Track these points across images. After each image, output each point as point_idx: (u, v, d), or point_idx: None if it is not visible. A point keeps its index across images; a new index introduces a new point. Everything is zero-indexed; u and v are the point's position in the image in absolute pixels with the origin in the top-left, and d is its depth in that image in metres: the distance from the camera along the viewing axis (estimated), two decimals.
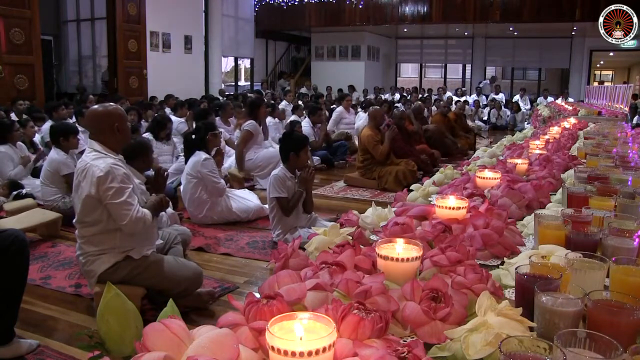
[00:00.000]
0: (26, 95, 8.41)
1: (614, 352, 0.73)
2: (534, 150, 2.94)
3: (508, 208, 1.71)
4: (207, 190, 4.41)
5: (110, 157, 2.58)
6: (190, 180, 4.43)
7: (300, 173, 3.81)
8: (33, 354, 2.34)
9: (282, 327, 0.75)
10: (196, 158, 4.43)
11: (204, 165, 4.39)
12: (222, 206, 4.46)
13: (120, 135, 2.66)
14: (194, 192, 4.42)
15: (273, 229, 3.94)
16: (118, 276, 2.58)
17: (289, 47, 18.55)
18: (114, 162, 2.57)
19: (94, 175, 2.50)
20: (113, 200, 2.50)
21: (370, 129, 6.03)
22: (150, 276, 2.66)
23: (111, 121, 2.62)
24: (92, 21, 12.58)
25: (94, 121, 2.66)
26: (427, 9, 14.09)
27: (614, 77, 23.53)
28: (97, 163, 2.53)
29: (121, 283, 2.52)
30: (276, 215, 3.86)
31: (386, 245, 1.15)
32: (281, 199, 3.77)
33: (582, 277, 1.03)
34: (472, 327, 0.85)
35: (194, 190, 4.42)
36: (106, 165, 2.51)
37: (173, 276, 2.70)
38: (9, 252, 2.25)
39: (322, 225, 2.41)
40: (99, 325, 0.91)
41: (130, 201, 2.53)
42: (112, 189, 2.50)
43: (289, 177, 3.81)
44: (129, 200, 2.52)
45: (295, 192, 3.78)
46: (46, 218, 4.01)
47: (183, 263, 2.83)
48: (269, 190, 3.85)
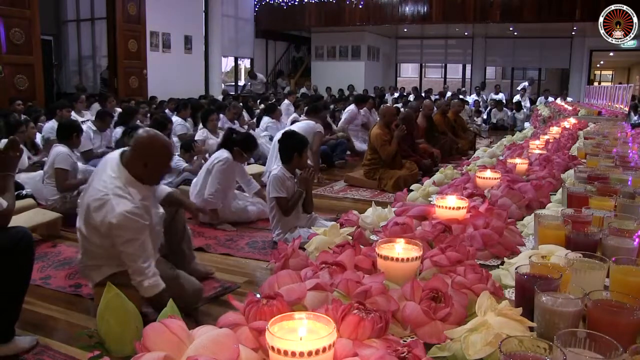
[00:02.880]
0: (26, 95, 8.42)
1: (614, 352, 0.73)
2: (534, 150, 2.94)
3: (508, 208, 1.71)
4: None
5: (128, 198, 2.41)
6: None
7: (300, 173, 3.81)
8: (33, 354, 2.34)
9: (282, 327, 0.75)
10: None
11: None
12: (235, 206, 4.50)
13: (149, 172, 2.49)
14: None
15: (273, 229, 3.94)
16: (117, 281, 2.52)
17: (289, 47, 18.55)
18: (132, 209, 2.39)
19: (107, 218, 2.36)
20: (123, 249, 2.39)
21: (380, 127, 5.98)
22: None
23: (145, 154, 2.46)
24: (92, 21, 12.58)
25: (136, 147, 2.48)
26: (427, 9, 14.09)
27: (614, 77, 23.53)
28: (115, 204, 2.37)
29: (122, 286, 2.48)
30: (276, 215, 3.86)
31: (386, 245, 1.15)
32: (280, 199, 3.76)
33: (582, 277, 1.03)
34: (472, 327, 0.85)
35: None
36: (121, 213, 2.35)
37: (171, 294, 2.58)
38: (17, 250, 2.25)
39: (322, 225, 2.40)
40: (99, 325, 0.91)
41: (138, 254, 2.40)
42: (122, 237, 2.37)
43: (288, 177, 3.81)
44: (137, 253, 2.39)
45: (295, 192, 3.78)
46: (46, 218, 4.01)
47: (185, 281, 2.70)
48: (268, 190, 3.85)
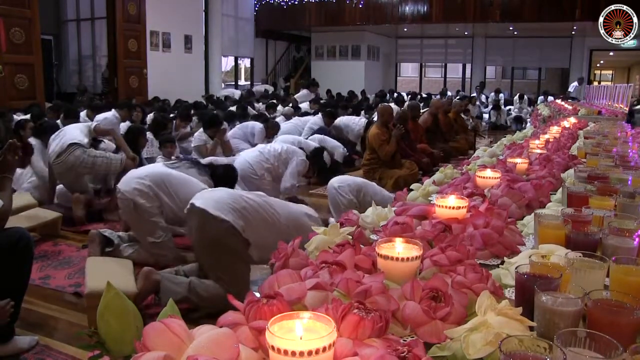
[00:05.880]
0: (26, 95, 8.42)
1: (614, 352, 0.73)
2: (534, 149, 2.94)
3: (508, 207, 1.71)
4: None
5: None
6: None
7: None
8: (33, 353, 2.34)
9: (282, 326, 0.75)
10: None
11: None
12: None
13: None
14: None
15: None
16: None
17: (289, 46, 18.55)
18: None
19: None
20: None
21: (378, 127, 5.96)
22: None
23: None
24: (92, 21, 12.60)
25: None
26: (427, 9, 14.10)
27: (614, 77, 23.54)
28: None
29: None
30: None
31: (386, 244, 1.15)
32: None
33: (582, 276, 1.03)
34: (472, 326, 0.85)
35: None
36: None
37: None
38: (16, 249, 2.26)
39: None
40: (99, 325, 0.91)
41: None
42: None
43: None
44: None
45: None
46: (46, 218, 4.01)
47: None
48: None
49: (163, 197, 3.29)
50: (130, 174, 3.50)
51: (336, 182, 3.88)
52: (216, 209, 2.59)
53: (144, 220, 3.29)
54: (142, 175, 3.35)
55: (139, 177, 3.33)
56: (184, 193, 3.25)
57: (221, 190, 2.91)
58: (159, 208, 3.30)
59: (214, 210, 2.59)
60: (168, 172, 3.40)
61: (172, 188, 3.31)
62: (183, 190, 3.29)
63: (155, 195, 3.27)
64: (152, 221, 3.28)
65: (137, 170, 3.64)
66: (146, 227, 3.30)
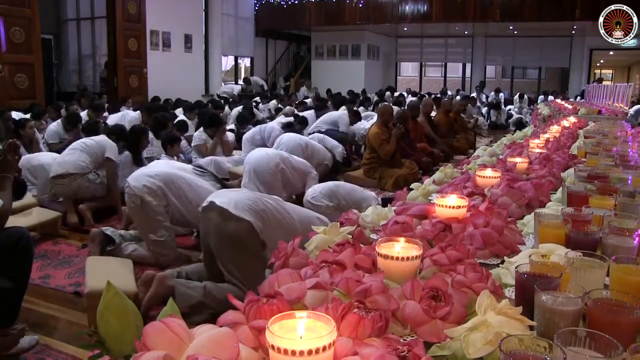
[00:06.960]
0: (26, 94, 8.41)
1: (614, 351, 0.73)
2: (534, 149, 2.94)
3: (508, 207, 1.71)
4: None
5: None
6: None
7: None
8: (33, 353, 2.34)
9: (282, 326, 0.75)
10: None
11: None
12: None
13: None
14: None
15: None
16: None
17: (289, 46, 18.55)
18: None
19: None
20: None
21: (378, 126, 5.96)
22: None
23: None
24: (92, 20, 12.59)
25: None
26: (427, 8, 14.09)
27: (614, 76, 23.53)
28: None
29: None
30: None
31: (386, 244, 1.15)
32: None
33: (582, 276, 1.03)
34: (472, 326, 0.85)
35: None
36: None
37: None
38: (16, 249, 2.26)
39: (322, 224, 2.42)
40: (99, 325, 0.91)
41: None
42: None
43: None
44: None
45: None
46: (46, 217, 4.01)
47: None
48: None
49: (171, 197, 3.31)
50: (141, 170, 3.54)
51: (308, 195, 3.95)
52: (237, 209, 2.57)
53: (149, 218, 3.30)
54: (152, 173, 3.37)
55: (150, 175, 3.35)
56: (193, 196, 3.31)
57: (241, 190, 2.92)
58: (165, 208, 3.32)
59: (235, 210, 2.56)
60: (180, 174, 3.42)
61: (182, 190, 3.34)
62: (192, 194, 3.33)
63: (164, 194, 3.30)
64: (156, 219, 3.30)
65: (149, 167, 3.67)
66: (150, 224, 3.32)
